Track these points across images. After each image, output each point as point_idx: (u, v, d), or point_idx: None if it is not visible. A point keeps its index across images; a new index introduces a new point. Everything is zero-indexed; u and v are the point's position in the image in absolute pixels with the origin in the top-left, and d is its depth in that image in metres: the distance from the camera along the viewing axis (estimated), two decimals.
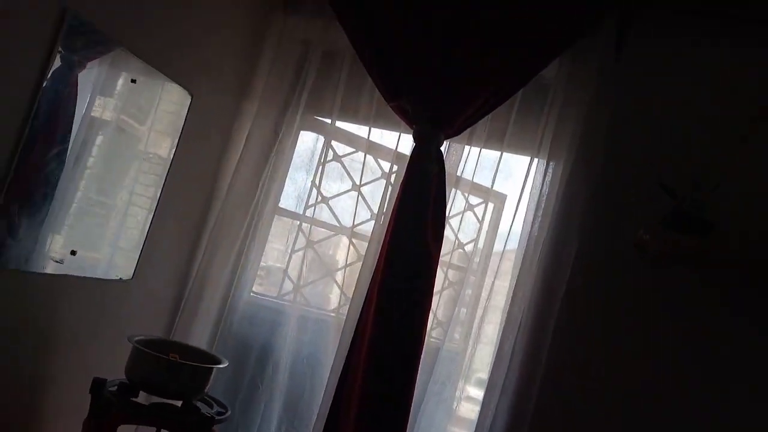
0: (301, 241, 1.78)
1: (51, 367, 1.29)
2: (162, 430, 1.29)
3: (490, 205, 1.77)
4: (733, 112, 1.43)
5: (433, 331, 1.65)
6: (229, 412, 1.32)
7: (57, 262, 1.22)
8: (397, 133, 1.70)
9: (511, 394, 1.45)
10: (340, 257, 1.85)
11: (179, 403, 1.23)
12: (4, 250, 1.07)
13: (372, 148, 1.76)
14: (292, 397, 1.67)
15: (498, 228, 1.79)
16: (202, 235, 1.70)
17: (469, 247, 1.74)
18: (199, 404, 1.25)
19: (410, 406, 1.47)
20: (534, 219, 1.54)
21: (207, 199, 1.71)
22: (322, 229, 1.79)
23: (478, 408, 1.51)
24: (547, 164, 1.57)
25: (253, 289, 1.79)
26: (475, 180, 1.66)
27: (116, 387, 1.24)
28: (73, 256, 1.25)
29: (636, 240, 1.37)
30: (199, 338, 1.60)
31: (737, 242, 1.37)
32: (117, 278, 1.40)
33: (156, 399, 1.26)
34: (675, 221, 1.32)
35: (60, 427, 1.29)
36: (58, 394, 1.31)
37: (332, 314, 1.75)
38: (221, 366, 1.29)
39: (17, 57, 1.03)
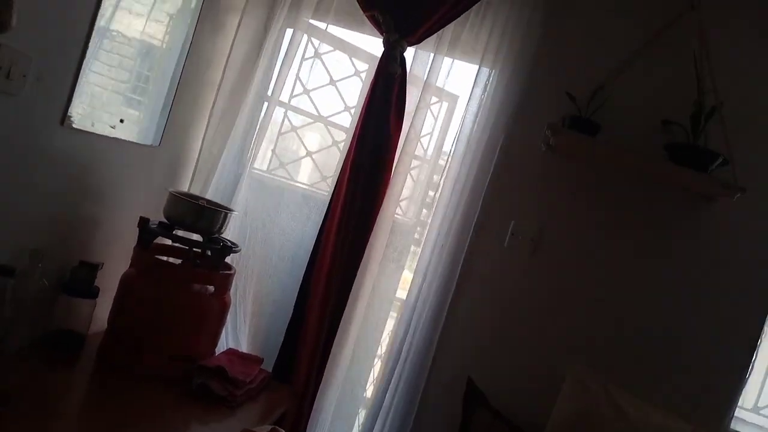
0: (287, 126, 2.20)
1: (100, 210, 1.69)
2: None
3: (444, 104, 2.20)
4: (632, 34, 1.85)
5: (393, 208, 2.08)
6: (240, 248, 1.80)
7: (111, 127, 1.61)
8: (370, 36, 2.09)
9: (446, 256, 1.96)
10: (318, 141, 2.28)
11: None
12: (82, 114, 1.46)
13: (348, 49, 2.15)
14: (268, 261, 2.07)
15: (450, 123, 2.22)
16: (207, 115, 2.09)
17: (425, 140, 2.18)
18: (219, 237, 1.73)
19: (360, 261, 1.91)
20: (474, 119, 1.99)
21: (212, 81, 2.07)
22: (302, 117, 2.20)
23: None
24: (490, 72, 2.00)
25: (244, 163, 2.21)
26: (432, 82, 2.04)
27: (157, 224, 1.69)
28: (121, 123, 1.64)
29: (543, 136, 1.87)
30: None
31: (620, 141, 1.87)
32: (149, 144, 1.80)
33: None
34: (572, 123, 1.81)
35: (114, 256, 1.73)
36: (109, 232, 1.71)
37: (310, 188, 2.20)
38: (234, 212, 1.75)
39: None
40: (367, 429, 1.92)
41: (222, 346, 1.84)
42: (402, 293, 2.04)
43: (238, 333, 2.00)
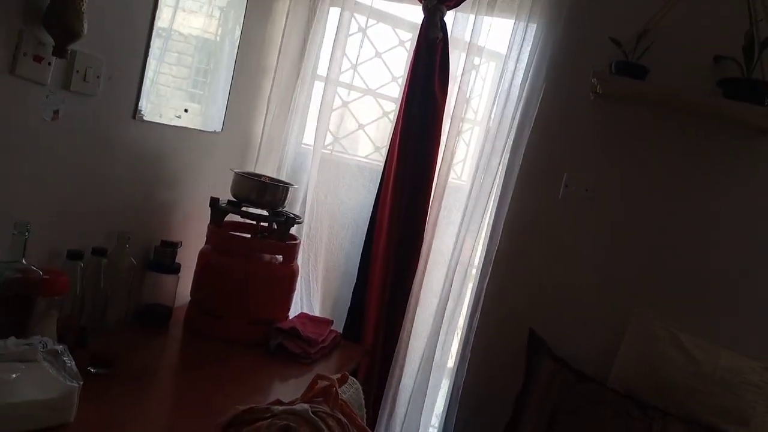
0: (338, 102, 2.29)
1: (174, 193, 1.85)
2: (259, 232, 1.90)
3: (491, 65, 2.22)
4: None
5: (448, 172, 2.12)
6: (302, 219, 1.92)
7: (177, 117, 1.75)
8: (410, 5, 2.13)
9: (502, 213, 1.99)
10: (369, 114, 2.35)
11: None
12: (150, 107, 1.61)
13: (390, 20, 2.21)
14: (332, 230, 2.18)
15: (498, 83, 2.22)
16: (265, 99, 2.21)
17: (474, 101, 2.20)
18: (282, 210, 1.85)
19: (424, 225, 2.00)
20: (520, 74, 1.99)
21: (266, 67, 2.18)
22: (352, 92, 2.28)
23: None
24: (530, 26, 1.99)
25: (303, 141, 2.33)
26: (474, 43, 2.06)
27: (226, 202, 1.83)
28: (186, 113, 1.78)
29: (590, 85, 1.86)
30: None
31: (671, 83, 1.84)
32: (212, 131, 1.93)
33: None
34: (619, 68, 1.79)
35: (190, 234, 1.89)
36: (184, 213, 1.88)
37: (364, 160, 2.28)
38: (295, 186, 1.87)
39: None
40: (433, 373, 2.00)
41: (295, 311, 1.97)
42: (464, 256, 2.09)
43: (311, 299, 2.14)
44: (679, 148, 1.85)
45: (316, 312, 2.09)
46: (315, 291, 2.15)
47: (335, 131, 2.26)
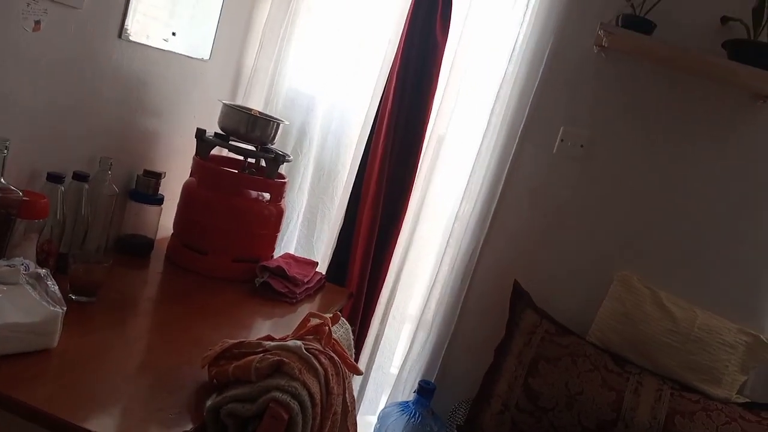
0: (334, 38, 2.18)
1: (159, 121, 1.76)
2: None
3: (496, 12, 2.12)
4: None
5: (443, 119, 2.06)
6: (292, 158, 1.86)
7: (164, 40, 1.65)
8: None
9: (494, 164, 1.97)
10: (364, 57, 2.26)
11: None
12: (137, 27, 1.51)
13: None
14: (323, 164, 2.14)
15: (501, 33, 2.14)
16: (255, 31, 2.10)
17: (475, 50, 2.10)
18: (271, 147, 1.79)
19: (414, 174, 1.97)
20: (523, 23, 1.93)
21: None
22: (348, 29, 2.17)
23: None
24: None
25: (295, 77, 2.23)
26: None
27: (213, 134, 1.76)
28: (173, 36, 1.68)
29: (596, 37, 1.81)
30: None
31: (677, 40, 1.80)
32: (200, 58, 1.84)
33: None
34: (626, 21, 1.74)
35: (174, 166, 1.81)
36: (169, 143, 1.80)
37: (358, 102, 2.19)
38: (286, 123, 1.80)
39: None
40: (415, 335, 2.02)
41: (279, 252, 1.94)
42: (453, 205, 2.07)
43: (297, 240, 2.10)
44: (678, 107, 1.83)
45: (300, 253, 2.06)
46: (301, 232, 2.12)
47: (329, 68, 2.17)
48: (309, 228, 2.11)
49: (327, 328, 1.14)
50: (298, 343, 1.07)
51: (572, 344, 1.74)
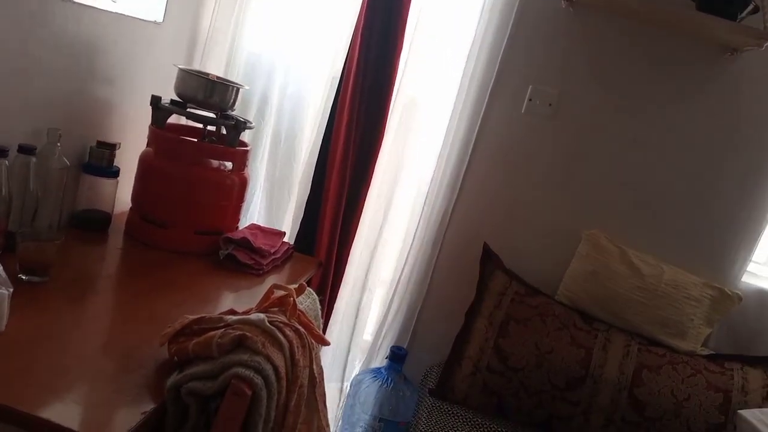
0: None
1: (111, 89, 1.68)
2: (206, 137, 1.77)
3: None
4: None
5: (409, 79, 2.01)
6: (254, 125, 1.79)
7: (112, 1, 1.55)
8: None
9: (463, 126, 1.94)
10: (326, 16, 2.17)
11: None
12: None
13: None
14: (282, 131, 2.05)
15: None
16: None
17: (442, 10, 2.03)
18: (231, 114, 1.72)
19: (381, 138, 1.92)
20: None
21: None
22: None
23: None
24: None
25: (255, 41, 2.13)
26: None
27: (169, 102, 1.68)
28: None
29: None
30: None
31: None
32: (152, 20, 1.74)
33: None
34: None
35: (129, 136, 1.74)
36: (123, 112, 1.72)
37: (324, 66, 2.12)
38: (246, 87, 1.73)
39: None
40: (392, 292, 2.00)
41: (245, 222, 1.89)
42: (423, 168, 2.03)
43: (261, 210, 2.05)
44: (646, 63, 1.81)
45: (267, 223, 2.01)
46: (266, 201, 2.07)
47: (292, 29, 2.09)
48: (272, 197, 2.06)
49: (292, 299, 1.11)
50: (261, 316, 1.04)
51: (541, 304, 1.75)
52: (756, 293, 1.83)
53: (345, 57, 1.93)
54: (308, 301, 1.34)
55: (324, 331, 1.92)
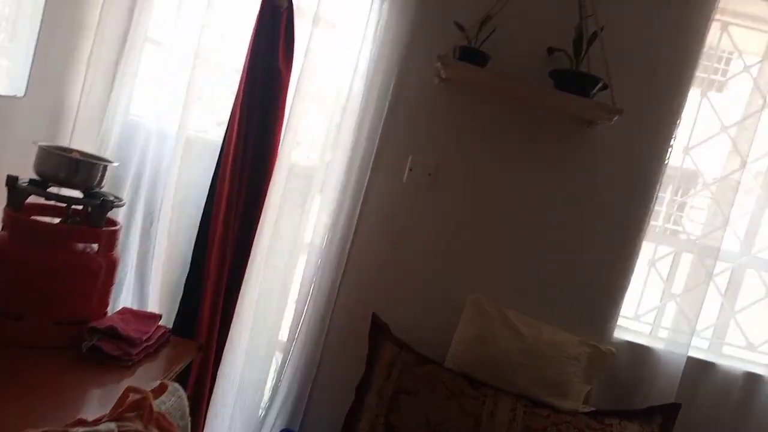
0: (173, 68, 2.05)
1: None
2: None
3: (341, 41, 2.11)
4: None
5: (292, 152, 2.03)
6: (124, 201, 1.70)
7: None
8: None
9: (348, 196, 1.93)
10: (206, 82, 2.14)
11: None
12: None
13: None
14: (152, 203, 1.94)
15: (348, 60, 2.13)
16: (80, 62, 1.91)
17: (323, 78, 2.07)
18: (99, 192, 1.62)
19: (259, 208, 1.88)
20: (369, 54, 1.93)
21: (85, 24, 1.89)
22: (188, 58, 2.05)
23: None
24: (381, 4, 1.93)
25: (132, 112, 2.06)
26: (321, 16, 1.95)
27: (27, 182, 1.56)
28: None
29: (434, 69, 1.85)
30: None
31: (509, 70, 1.88)
32: (12, 95, 1.63)
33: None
34: (462, 53, 1.80)
35: None
36: None
37: (206, 135, 2.06)
38: (115, 164, 1.64)
39: None
40: (281, 370, 1.93)
41: (117, 307, 1.77)
42: (307, 238, 2.01)
43: (139, 291, 1.93)
44: (516, 134, 1.92)
45: (147, 306, 1.89)
46: (150, 282, 1.95)
47: (173, 102, 2.04)
48: (144, 277, 1.94)
49: (148, 402, 1.02)
50: (112, 426, 0.95)
51: (430, 372, 1.75)
52: (627, 346, 1.93)
53: (225, 128, 1.90)
54: (173, 399, 1.25)
55: (205, 416, 1.80)
